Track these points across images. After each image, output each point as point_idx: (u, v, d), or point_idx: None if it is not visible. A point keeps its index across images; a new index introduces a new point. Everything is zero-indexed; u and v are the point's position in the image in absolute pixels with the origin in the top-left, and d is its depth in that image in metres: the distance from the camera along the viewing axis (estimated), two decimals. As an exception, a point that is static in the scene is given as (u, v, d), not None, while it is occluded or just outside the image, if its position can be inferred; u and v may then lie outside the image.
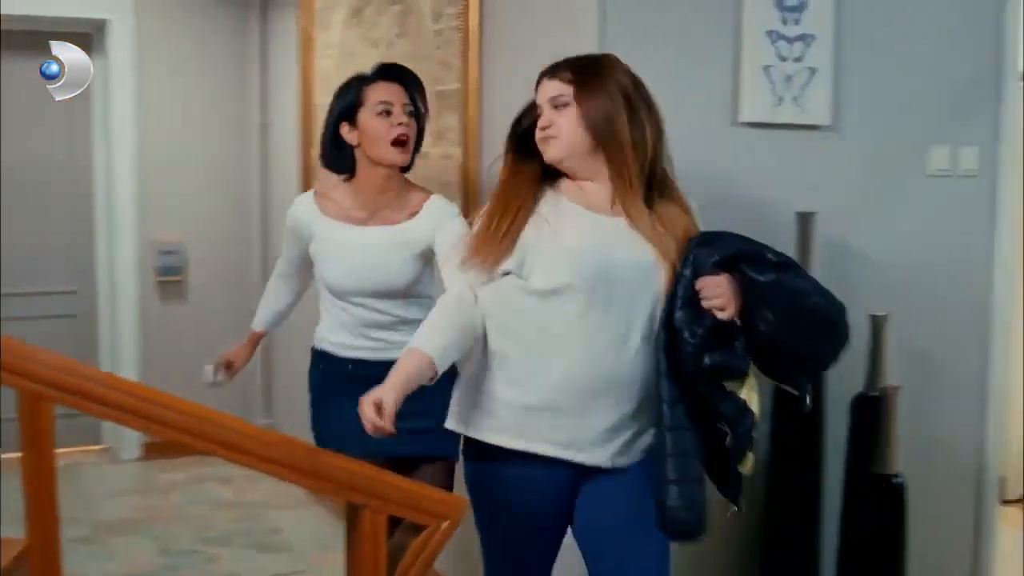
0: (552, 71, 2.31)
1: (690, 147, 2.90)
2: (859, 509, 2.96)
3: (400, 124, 2.84)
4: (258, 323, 3.27)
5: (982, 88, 3.38)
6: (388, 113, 2.84)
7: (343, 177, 2.94)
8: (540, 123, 2.29)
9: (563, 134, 2.27)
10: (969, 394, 3.49)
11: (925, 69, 3.28)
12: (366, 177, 2.89)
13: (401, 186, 2.91)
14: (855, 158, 3.22)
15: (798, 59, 3.08)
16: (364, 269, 2.86)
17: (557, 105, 2.27)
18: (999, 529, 3.64)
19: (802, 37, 3.09)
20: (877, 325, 3.03)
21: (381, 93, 2.85)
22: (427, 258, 2.86)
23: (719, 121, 3.04)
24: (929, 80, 3.30)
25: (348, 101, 2.88)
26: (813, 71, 3.11)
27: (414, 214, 2.87)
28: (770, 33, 3.04)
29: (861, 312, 3.05)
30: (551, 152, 2.29)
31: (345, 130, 2.87)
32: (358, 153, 2.88)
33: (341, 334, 2.95)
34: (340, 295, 2.90)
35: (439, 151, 3.60)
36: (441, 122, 3.57)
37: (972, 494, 3.53)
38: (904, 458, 2.98)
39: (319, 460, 2.15)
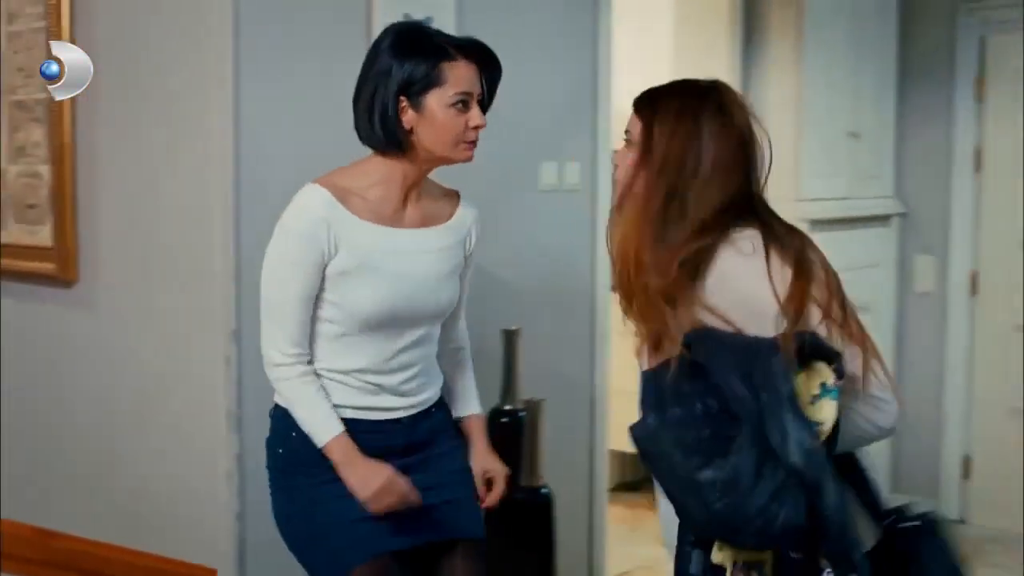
0: None
1: (327, 166, 2.79)
2: (509, 523, 2.99)
3: (476, 124, 2.24)
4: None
5: (581, 107, 3.55)
6: (465, 106, 2.22)
7: (374, 159, 2.26)
8: None
9: None
10: (583, 399, 3.67)
11: (531, 90, 3.38)
12: (410, 166, 2.25)
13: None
14: (471, 175, 3.24)
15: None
16: (414, 284, 2.25)
17: None
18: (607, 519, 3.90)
19: (428, 53, 3.04)
20: (509, 339, 3.08)
21: (463, 79, 2.21)
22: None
23: (355, 140, 2.91)
24: (535, 100, 3.40)
25: (418, 75, 2.19)
26: (439, 88, 3.08)
27: (452, 214, 2.35)
28: (399, 49, 2.96)
29: (495, 327, 3.11)
30: None
31: (401, 106, 2.20)
32: (412, 139, 2.22)
33: (366, 380, 2.25)
34: (371, 322, 2.22)
35: (19, 169, 3.16)
36: (22, 136, 3.13)
37: (587, 492, 3.72)
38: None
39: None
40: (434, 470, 2.31)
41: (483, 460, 2.42)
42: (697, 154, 1.87)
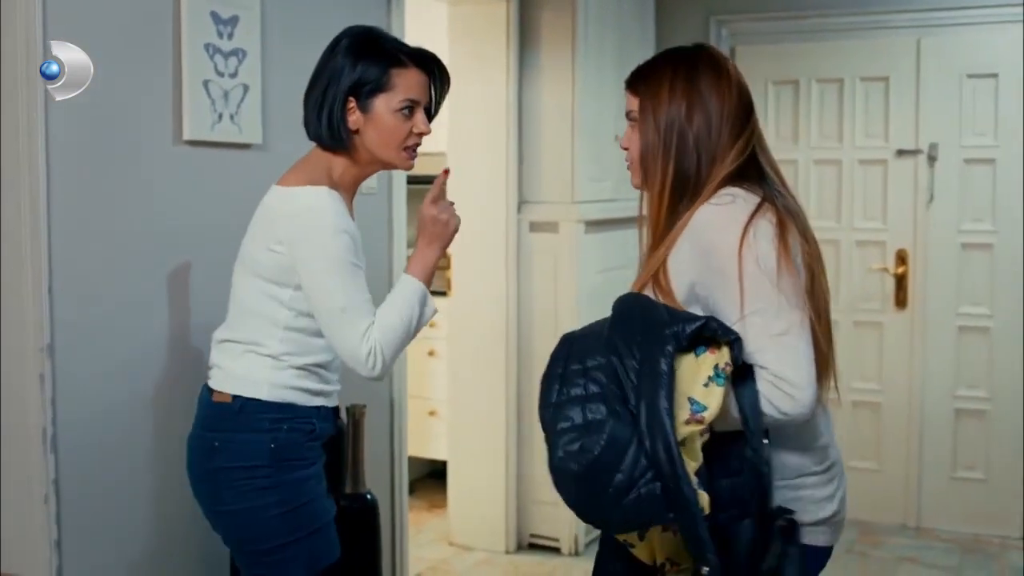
0: None
1: (131, 166, 2.67)
2: (338, 530, 2.93)
3: (420, 131, 2.31)
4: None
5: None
6: (410, 112, 2.28)
7: (332, 159, 2.32)
8: None
9: None
10: (383, 404, 3.64)
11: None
12: (354, 167, 2.34)
13: None
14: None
15: (233, 75, 2.95)
16: None
17: None
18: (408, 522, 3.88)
19: (235, 52, 2.95)
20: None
21: (411, 86, 2.29)
22: None
23: (161, 138, 2.78)
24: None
25: (368, 78, 2.26)
26: (246, 88, 2.99)
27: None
28: (208, 47, 2.86)
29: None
30: None
31: (349, 106, 2.27)
32: (355, 138, 2.29)
33: (329, 376, 2.36)
34: None
35: None
36: None
37: (388, 496, 3.70)
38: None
39: None
40: None
41: None
42: (701, 110, 1.91)
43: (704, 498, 1.70)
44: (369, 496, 2.96)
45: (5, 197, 2.47)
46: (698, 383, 1.72)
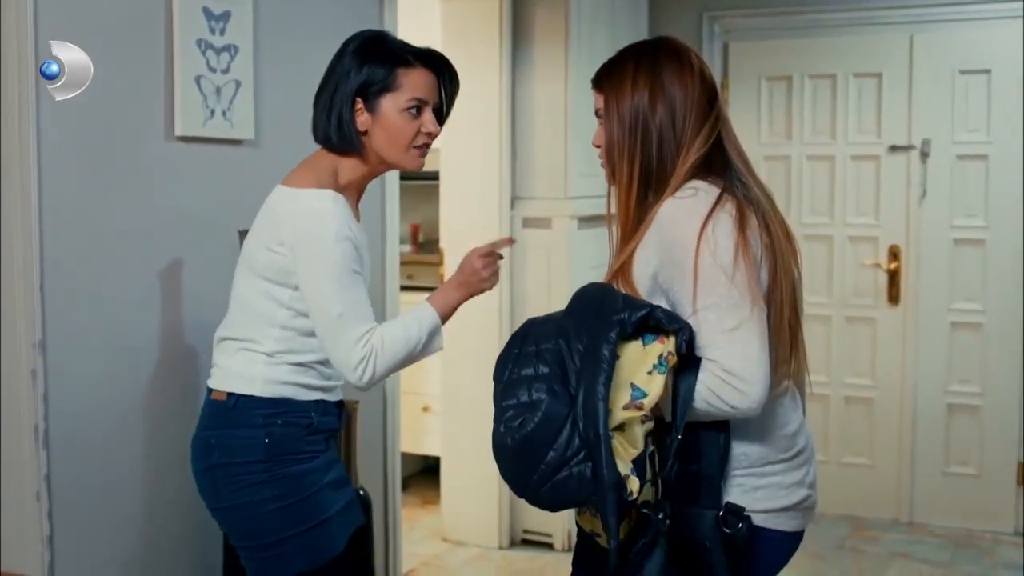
0: None
1: (123, 162, 2.67)
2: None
3: (429, 131, 2.32)
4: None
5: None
6: (418, 111, 2.28)
7: (339, 160, 2.31)
8: None
9: None
10: (375, 400, 3.65)
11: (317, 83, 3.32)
12: (364, 167, 2.34)
13: None
14: (276, 173, 3.16)
15: (225, 71, 2.94)
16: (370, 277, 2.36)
17: None
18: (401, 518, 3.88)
19: (227, 48, 2.95)
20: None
21: (418, 85, 2.29)
22: None
23: (153, 135, 2.78)
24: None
25: (375, 79, 2.26)
26: (239, 83, 2.99)
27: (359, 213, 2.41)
28: (200, 42, 2.86)
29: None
30: None
31: (357, 107, 2.27)
32: (364, 140, 2.30)
33: (323, 372, 2.32)
34: None
35: None
36: None
37: (382, 492, 3.71)
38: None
39: None
40: None
41: None
42: (664, 100, 1.92)
43: (634, 483, 1.73)
44: (362, 492, 2.95)
45: (-4, 193, 2.47)
46: (642, 370, 1.76)
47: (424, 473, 5.53)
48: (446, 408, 4.67)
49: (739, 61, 5.21)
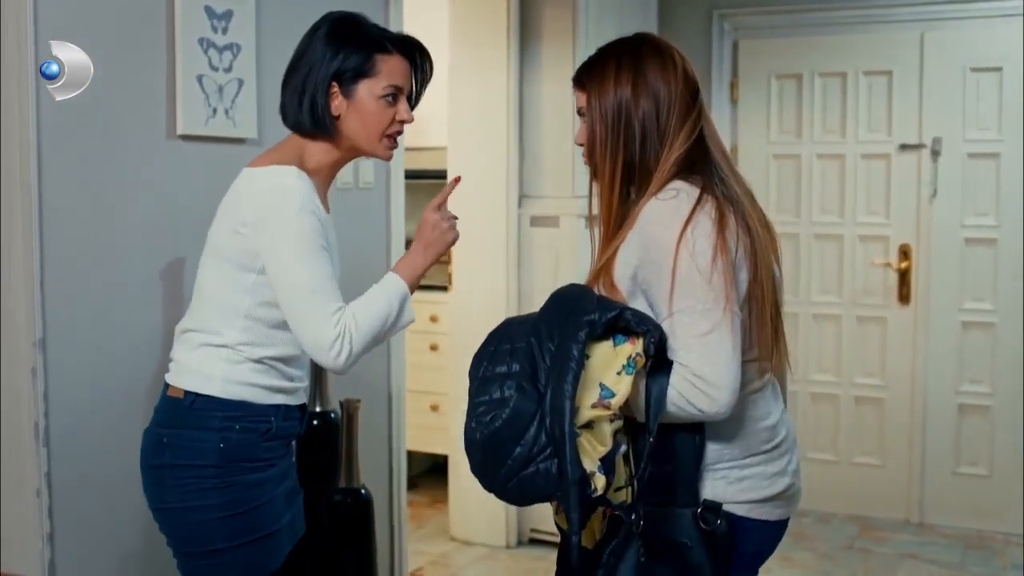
0: None
1: (125, 161, 2.68)
2: (329, 524, 2.94)
3: (403, 119, 2.26)
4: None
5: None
6: (393, 99, 2.23)
7: (308, 144, 2.25)
8: None
9: None
10: (380, 398, 3.65)
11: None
12: (335, 153, 2.27)
13: None
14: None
15: (228, 69, 2.95)
16: (338, 270, 2.26)
17: None
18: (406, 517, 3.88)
19: (230, 47, 2.95)
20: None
21: (395, 72, 2.23)
22: None
23: (155, 133, 2.79)
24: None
25: (352, 64, 2.20)
26: (241, 82, 2.99)
27: (328, 206, 2.33)
28: (202, 41, 2.86)
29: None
30: None
31: (332, 91, 2.21)
32: (337, 124, 2.23)
33: (286, 372, 2.25)
34: None
35: None
36: None
37: (387, 490, 3.71)
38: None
39: None
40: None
41: None
42: (647, 95, 1.91)
43: (599, 480, 1.75)
44: (363, 491, 2.96)
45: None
46: (612, 371, 1.77)
47: (433, 472, 5.53)
48: (454, 407, 4.67)
49: (749, 59, 5.19)
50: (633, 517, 1.81)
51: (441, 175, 4.72)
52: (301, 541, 2.36)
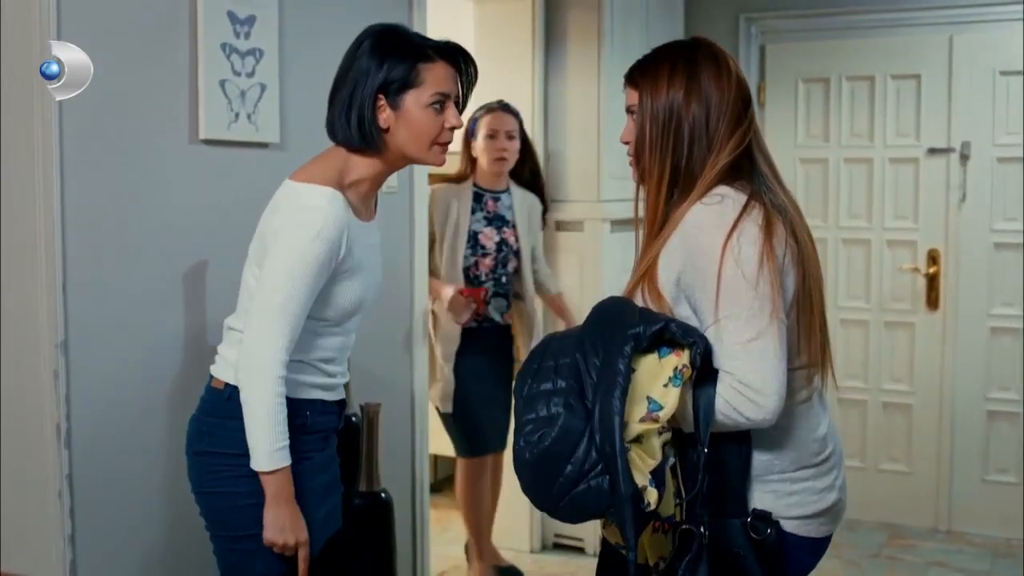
0: None
1: (146, 165, 2.69)
2: (349, 527, 2.94)
3: (452, 125, 2.28)
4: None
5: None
6: (441, 107, 2.25)
7: (353, 157, 2.28)
8: None
9: None
10: (403, 402, 3.65)
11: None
12: (383, 165, 2.30)
13: None
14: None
15: (250, 74, 2.96)
16: (379, 276, 2.41)
17: None
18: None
19: (252, 52, 2.97)
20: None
21: (440, 80, 2.26)
22: None
23: (177, 138, 2.80)
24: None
25: (397, 75, 2.23)
26: (264, 87, 3.01)
27: (375, 211, 2.43)
28: (224, 46, 2.88)
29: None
30: None
31: (379, 105, 2.24)
32: (386, 137, 2.26)
33: (327, 370, 2.33)
34: (350, 316, 2.34)
35: None
36: None
37: (409, 494, 3.71)
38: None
39: None
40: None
41: None
42: (699, 100, 1.90)
43: (652, 494, 1.73)
44: (384, 494, 2.96)
45: (20, 195, 2.50)
46: (658, 383, 1.76)
47: (458, 476, 5.53)
48: (478, 411, 4.66)
49: (776, 63, 5.17)
50: (702, 530, 1.80)
51: (464, 179, 4.71)
52: (334, 536, 2.44)
